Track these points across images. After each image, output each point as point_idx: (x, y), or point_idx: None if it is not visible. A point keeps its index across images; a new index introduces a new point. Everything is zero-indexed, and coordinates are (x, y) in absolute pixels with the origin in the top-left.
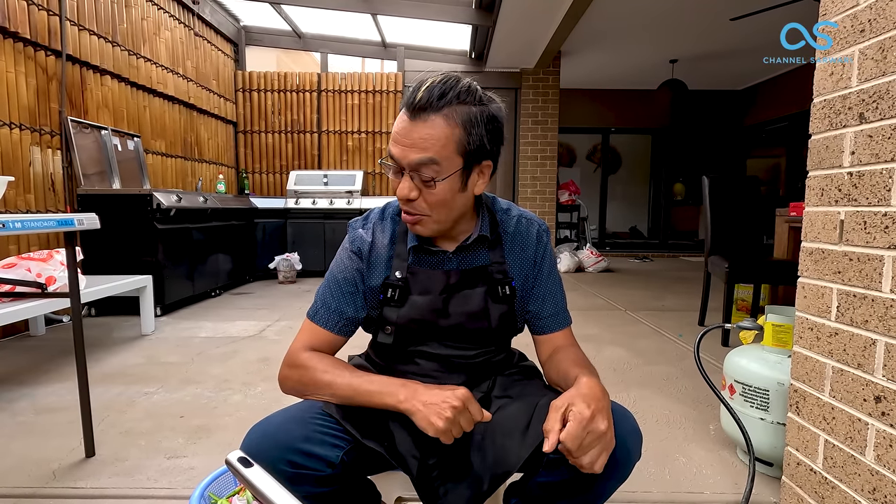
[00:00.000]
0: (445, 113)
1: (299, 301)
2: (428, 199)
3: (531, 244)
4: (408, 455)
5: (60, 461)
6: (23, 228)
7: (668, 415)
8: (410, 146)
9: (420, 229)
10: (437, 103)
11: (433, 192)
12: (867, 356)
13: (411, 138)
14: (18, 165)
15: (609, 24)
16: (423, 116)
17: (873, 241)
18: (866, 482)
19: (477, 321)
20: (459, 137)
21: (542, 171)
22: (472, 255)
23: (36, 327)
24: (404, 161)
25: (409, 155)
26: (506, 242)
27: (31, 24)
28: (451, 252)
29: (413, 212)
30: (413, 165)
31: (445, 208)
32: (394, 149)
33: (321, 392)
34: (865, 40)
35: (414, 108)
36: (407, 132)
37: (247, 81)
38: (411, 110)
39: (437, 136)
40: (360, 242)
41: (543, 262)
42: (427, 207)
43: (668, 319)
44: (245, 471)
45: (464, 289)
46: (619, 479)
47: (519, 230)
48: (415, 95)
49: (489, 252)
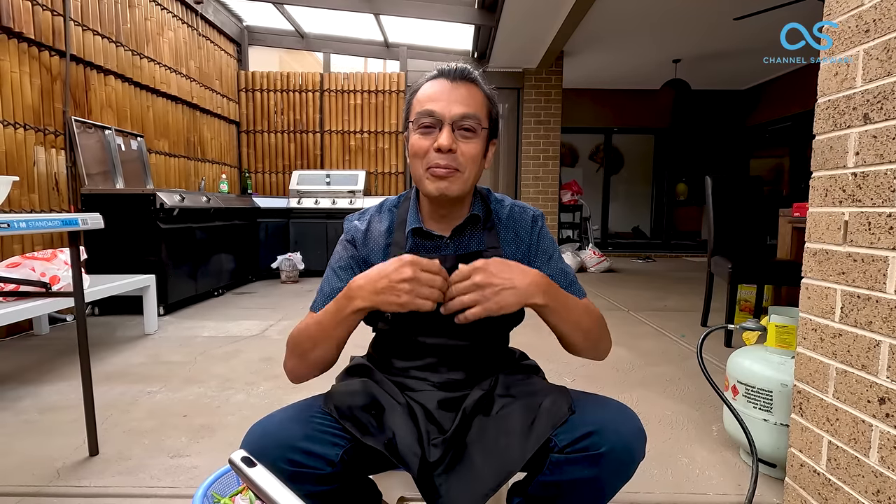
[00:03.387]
0: (479, 83)
1: (302, 301)
2: (466, 152)
3: (525, 229)
4: (409, 453)
5: (64, 460)
6: (27, 228)
7: (670, 415)
8: (455, 101)
9: (449, 185)
10: (472, 76)
11: (471, 144)
12: (871, 357)
13: (455, 96)
14: (23, 165)
15: (612, 23)
16: (462, 81)
17: (877, 242)
18: (870, 484)
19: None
20: (489, 106)
21: (544, 171)
22: (468, 240)
23: (40, 326)
24: (449, 114)
25: (454, 108)
26: (500, 228)
27: (36, 25)
28: (447, 237)
29: (450, 164)
30: (457, 117)
31: (475, 166)
32: (434, 105)
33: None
34: (870, 40)
35: (454, 75)
36: (449, 91)
37: (250, 81)
38: (451, 77)
39: (476, 98)
40: (354, 231)
41: (540, 243)
42: (463, 161)
43: (670, 320)
44: (248, 470)
45: None
46: (623, 479)
47: (512, 216)
48: (450, 67)
49: (484, 237)
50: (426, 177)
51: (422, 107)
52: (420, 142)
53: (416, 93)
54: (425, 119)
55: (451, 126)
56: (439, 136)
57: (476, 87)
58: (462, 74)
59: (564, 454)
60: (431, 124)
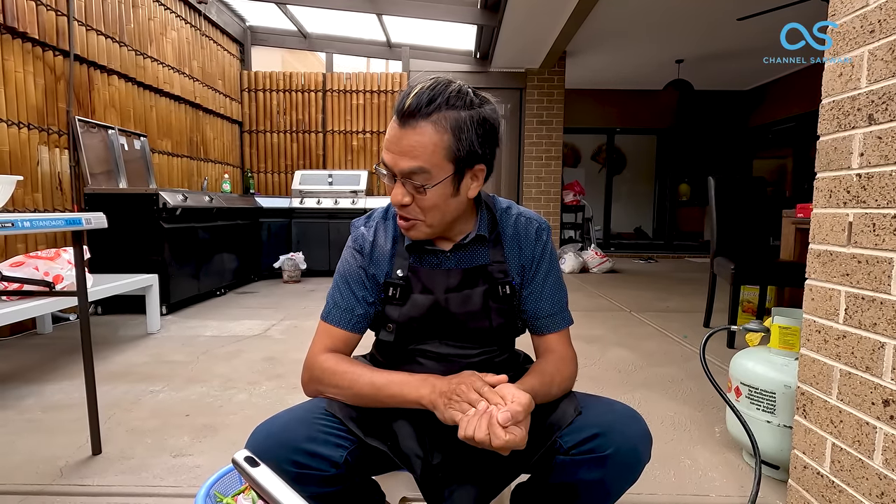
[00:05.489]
0: (434, 119)
1: (304, 300)
2: (421, 204)
3: (530, 242)
4: (411, 455)
5: (67, 458)
6: (31, 227)
7: (673, 417)
8: (400, 154)
9: (413, 234)
10: (426, 109)
11: (425, 198)
12: (875, 359)
13: (401, 146)
14: (26, 165)
15: (615, 23)
16: (411, 123)
17: (882, 244)
18: (874, 486)
19: (477, 320)
20: (449, 143)
21: (546, 171)
22: (472, 253)
23: (43, 325)
24: (395, 168)
25: (400, 163)
26: (505, 241)
27: (40, 25)
28: (448, 251)
29: (407, 216)
30: (404, 173)
31: (438, 213)
32: (386, 156)
33: (343, 394)
34: (875, 41)
35: (403, 115)
36: (397, 140)
37: (252, 81)
38: (401, 117)
39: (425, 144)
40: (362, 240)
41: (542, 260)
42: (420, 212)
43: (673, 321)
44: (251, 470)
45: (464, 288)
46: (628, 481)
47: (518, 229)
48: (404, 102)
49: (489, 251)
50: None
51: (383, 150)
52: (388, 188)
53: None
54: (384, 169)
55: (402, 180)
56: (394, 188)
57: (428, 126)
58: (412, 112)
59: (570, 456)
60: (389, 175)
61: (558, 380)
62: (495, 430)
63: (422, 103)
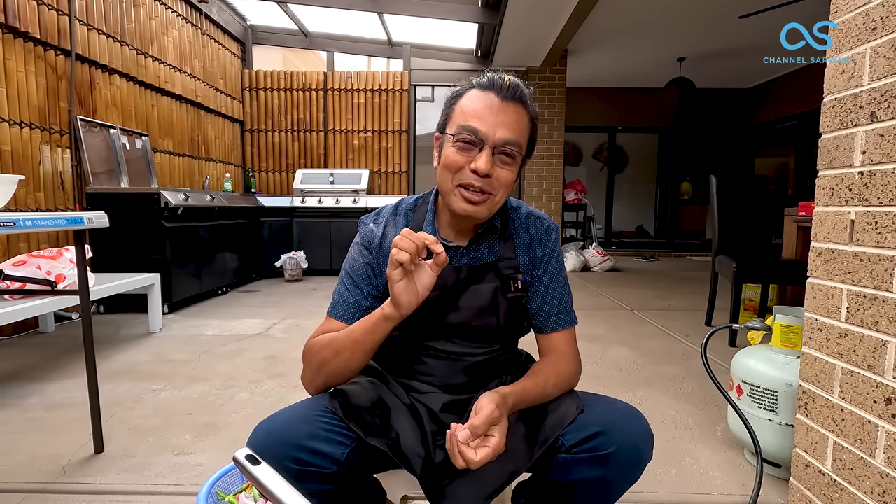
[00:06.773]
0: (527, 104)
1: (305, 299)
2: (501, 178)
3: (540, 241)
4: (412, 454)
5: (70, 457)
6: (33, 227)
7: (674, 415)
8: (500, 125)
9: (480, 210)
10: (521, 94)
11: (507, 171)
12: (877, 357)
13: (502, 118)
14: (28, 164)
15: (616, 21)
16: (512, 102)
17: (884, 242)
18: (876, 485)
19: (485, 317)
20: (530, 131)
21: (548, 169)
22: (484, 250)
23: (45, 324)
24: (492, 136)
25: (499, 132)
26: (516, 238)
27: (42, 24)
28: (464, 247)
29: (485, 188)
30: (501, 142)
31: (506, 192)
32: (479, 123)
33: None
34: (877, 38)
35: (505, 93)
36: (497, 110)
37: (253, 80)
38: (502, 94)
39: (522, 123)
40: (371, 236)
41: (551, 259)
42: (497, 186)
43: (674, 319)
44: (253, 468)
45: (473, 283)
46: (630, 479)
47: (529, 227)
48: (502, 81)
49: (500, 247)
50: (456, 193)
51: (465, 120)
52: (455, 156)
53: (458, 99)
54: (467, 135)
55: (492, 149)
56: (478, 158)
57: (524, 109)
58: (514, 94)
59: (571, 454)
60: (472, 141)
61: (554, 379)
62: (464, 453)
63: (520, 88)
